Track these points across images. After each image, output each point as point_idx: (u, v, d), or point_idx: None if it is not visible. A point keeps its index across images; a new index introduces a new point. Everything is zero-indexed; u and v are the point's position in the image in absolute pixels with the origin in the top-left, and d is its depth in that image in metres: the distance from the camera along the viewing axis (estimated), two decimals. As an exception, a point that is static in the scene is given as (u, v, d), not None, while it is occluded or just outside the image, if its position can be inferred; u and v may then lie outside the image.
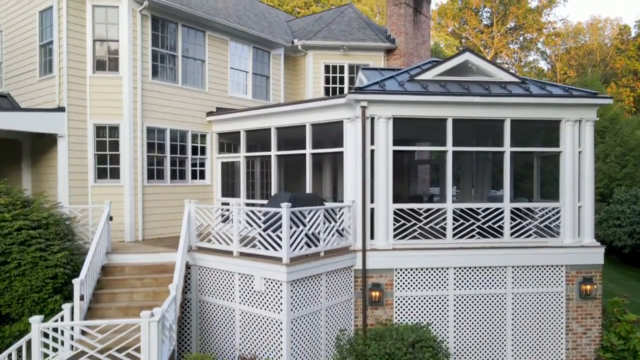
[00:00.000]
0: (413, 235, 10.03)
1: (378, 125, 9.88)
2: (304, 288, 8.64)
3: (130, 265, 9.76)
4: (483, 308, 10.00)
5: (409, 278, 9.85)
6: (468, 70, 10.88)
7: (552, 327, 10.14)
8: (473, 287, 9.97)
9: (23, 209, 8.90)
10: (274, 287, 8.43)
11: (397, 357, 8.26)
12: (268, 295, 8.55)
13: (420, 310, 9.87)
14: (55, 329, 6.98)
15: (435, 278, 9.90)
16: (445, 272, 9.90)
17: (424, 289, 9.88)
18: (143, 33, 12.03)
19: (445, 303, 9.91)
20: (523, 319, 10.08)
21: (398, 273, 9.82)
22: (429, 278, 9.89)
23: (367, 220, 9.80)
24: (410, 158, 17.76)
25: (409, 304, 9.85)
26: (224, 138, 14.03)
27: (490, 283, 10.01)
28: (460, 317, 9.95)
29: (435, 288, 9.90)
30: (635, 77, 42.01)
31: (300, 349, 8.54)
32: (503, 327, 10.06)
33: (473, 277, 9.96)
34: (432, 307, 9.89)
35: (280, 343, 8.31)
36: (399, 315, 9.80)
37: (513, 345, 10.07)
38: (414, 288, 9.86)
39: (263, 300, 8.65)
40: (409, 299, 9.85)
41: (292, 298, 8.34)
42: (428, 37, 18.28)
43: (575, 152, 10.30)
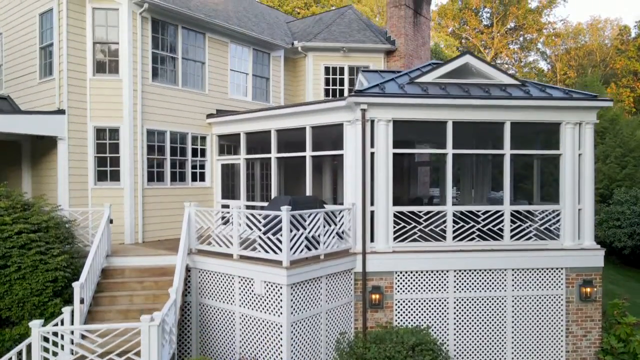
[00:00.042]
0: (413, 238, 10.04)
1: (378, 128, 9.88)
2: (304, 291, 8.65)
3: (131, 268, 9.76)
4: (483, 311, 10.00)
5: (409, 281, 9.86)
6: (468, 73, 10.88)
7: (552, 329, 10.14)
8: (473, 289, 9.97)
9: (23, 212, 8.91)
10: (274, 290, 8.43)
11: (397, 360, 8.26)
12: (268, 298, 8.55)
13: (421, 313, 9.87)
14: (55, 334, 6.99)
15: (436, 281, 9.90)
16: (445, 274, 9.91)
17: (424, 292, 9.88)
18: (143, 35, 12.03)
19: (445, 306, 9.91)
20: (523, 322, 10.09)
21: (398, 276, 9.83)
22: (429, 281, 9.89)
23: (367, 223, 9.80)
24: (410, 160, 17.76)
25: (409, 307, 9.86)
26: (224, 140, 14.04)
27: (490, 286, 10.01)
28: (460, 319, 9.95)
29: (435, 291, 9.90)
30: (635, 77, 42.03)
31: (300, 352, 8.54)
32: (503, 329, 10.06)
33: (473, 279, 9.97)
34: (432, 309, 9.90)
35: (280, 346, 8.32)
36: (399, 318, 9.81)
37: (513, 348, 10.07)
38: (414, 291, 9.87)
39: (263, 303, 8.65)
40: (409, 302, 9.86)
41: (292, 301, 8.34)
42: (428, 38, 18.28)
43: (575, 154, 10.31)
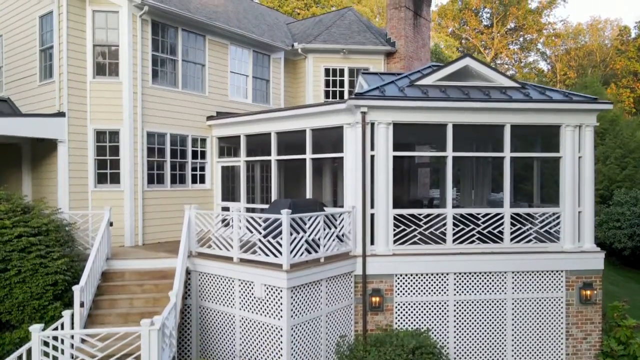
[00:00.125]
0: (413, 241, 10.04)
1: (378, 131, 9.88)
2: (304, 294, 8.65)
3: (131, 271, 9.76)
4: (483, 313, 10.00)
5: (409, 283, 9.86)
6: (468, 75, 10.88)
7: (552, 332, 10.14)
8: (473, 292, 9.97)
9: (23, 216, 8.90)
10: (274, 293, 8.43)
11: (397, 363, 8.26)
12: (268, 302, 8.56)
13: (421, 316, 9.87)
14: (56, 338, 6.98)
15: (436, 283, 9.90)
16: (445, 277, 9.91)
17: (424, 295, 9.88)
18: (143, 38, 12.03)
19: (446, 308, 9.91)
20: (523, 324, 10.09)
21: (398, 278, 9.83)
22: (429, 283, 9.89)
23: (367, 226, 9.80)
24: (410, 162, 17.78)
25: (409, 310, 9.86)
26: (224, 142, 14.04)
27: (491, 288, 10.01)
28: (461, 322, 9.95)
29: (436, 293, 9.90)
30: (635, 78, 42.03)
31: (301, 356, 8.54)
32: (503, 332, 10.06)
33: (473, 282, 9.97)
34: (432, 312, 9.89)
35: (281, 349, 8.32)
36: (399, 321, 9.81)
37: (513, 351, 10.07)
38: (414, 293, 9.87)
39: (263, 307, 8.66)
40: (409, 305, 9.86)
41: (292, 304, 8.34)
42: (428, 40, 18.29)
43: (575, 157, 10.31)
